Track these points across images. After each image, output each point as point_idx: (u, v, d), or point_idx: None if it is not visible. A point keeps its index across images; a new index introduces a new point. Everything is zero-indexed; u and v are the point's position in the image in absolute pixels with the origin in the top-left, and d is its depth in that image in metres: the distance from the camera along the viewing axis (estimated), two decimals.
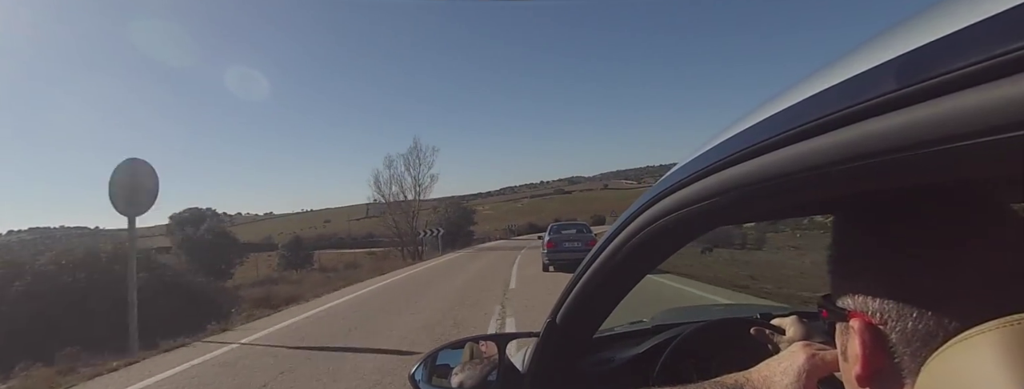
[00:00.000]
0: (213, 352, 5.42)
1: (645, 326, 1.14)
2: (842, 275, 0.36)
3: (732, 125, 0.40)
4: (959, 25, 0.20)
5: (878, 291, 0.32)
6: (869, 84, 0.25)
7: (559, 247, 11.96)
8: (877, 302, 0.32)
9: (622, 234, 0.58)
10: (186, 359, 5.14)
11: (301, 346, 5.41)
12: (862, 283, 0.34)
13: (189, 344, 5.92)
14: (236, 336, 6.22)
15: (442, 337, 5.03)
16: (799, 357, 0.49)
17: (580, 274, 0.71)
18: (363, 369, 4.33)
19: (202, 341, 6.05)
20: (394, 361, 4.49)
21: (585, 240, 12.04)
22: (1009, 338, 0.24)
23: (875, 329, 0.32)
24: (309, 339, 5.75)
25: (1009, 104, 0.19)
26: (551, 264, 11.87)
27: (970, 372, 0.25)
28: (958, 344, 0.26)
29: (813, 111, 0.28)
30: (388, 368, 4.28)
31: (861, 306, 0.33)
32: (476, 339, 1.00)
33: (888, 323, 0.32)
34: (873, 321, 0.32)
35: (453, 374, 0.97)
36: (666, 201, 0.48)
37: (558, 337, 0.79)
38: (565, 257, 11.50)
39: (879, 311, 0.32)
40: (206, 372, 4.66)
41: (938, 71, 0.21)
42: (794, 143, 0.30)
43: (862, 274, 0.34)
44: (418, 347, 4.84)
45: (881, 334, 0.32)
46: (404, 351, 4.83)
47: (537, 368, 0.84)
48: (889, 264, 0.32)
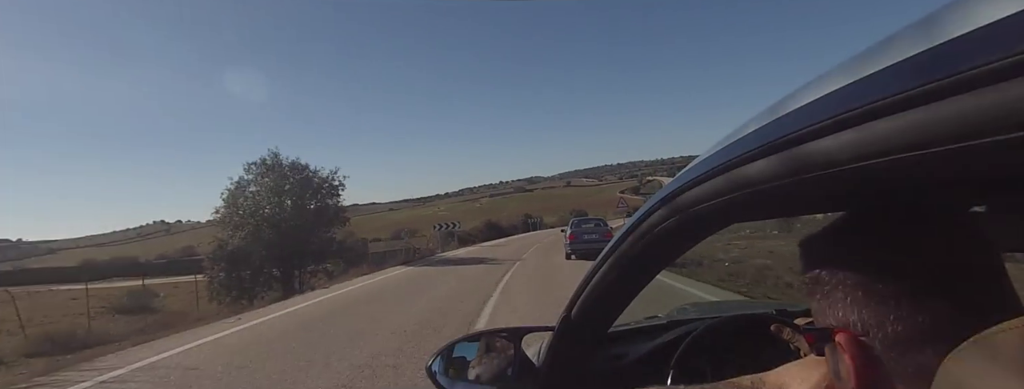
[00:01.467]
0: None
1: (660, 321, 1.14)
2: (820, 296, 0.37)
3: (747, 124, 0.40)
4: (971, 26, 0.21)
5: (854, 302, 0.34)
6: (882, 84, 0.25)
7: (579, 239, 13.79)
8: (855, 313, 0.33)
9: (637, 230, 0.59)
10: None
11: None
12: (838, 298, 0.35)
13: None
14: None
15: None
16: (822, 368, 0.49)
17: (595, 269, 0.72)
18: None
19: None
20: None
21: (602, 232, 13.95)
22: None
23: (859, 341, 0.33)
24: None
25: (1011, 107, 0.19)
26: (573, 253, 13.65)
27: (988, 371, 0.25)
28: (976, 343, 0.26)
29: (827, 109, 0.28)
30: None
31: (842, 321, 0.34)
32: (492, 333, 1.02)
33: (870, 332, 0.33)
34: (856, 333, 0.33)
35: (470, 367, 0.98)
36: (682, 198, 0.48)
37: (573, 331, 0.80)
38: (585, 247, 13.29)
39: (859, 322, 0.33)
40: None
41: (949, 72, 0.21)
42: (809, 141, 0.30)
43: (837, 289, 0.35)
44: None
45: (866, 345, 0.33)
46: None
47: (552, 362, 0.85)
48: (858, 275, 0.34)
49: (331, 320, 6.82)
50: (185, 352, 5.50)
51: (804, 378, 0.48)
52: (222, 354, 5.25)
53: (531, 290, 8.39)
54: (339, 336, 5.60)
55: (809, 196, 0.38)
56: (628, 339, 1.03)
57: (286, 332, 6.22)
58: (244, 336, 6.24)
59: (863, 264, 0.34)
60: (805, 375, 0.49)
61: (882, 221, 0.35)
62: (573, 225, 14.99)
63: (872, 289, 0.33)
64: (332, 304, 8.66)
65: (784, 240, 13.60)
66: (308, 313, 7.77)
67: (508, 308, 6.72)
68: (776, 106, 0.35)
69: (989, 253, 0.33)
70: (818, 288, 0.37)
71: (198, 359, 5.13)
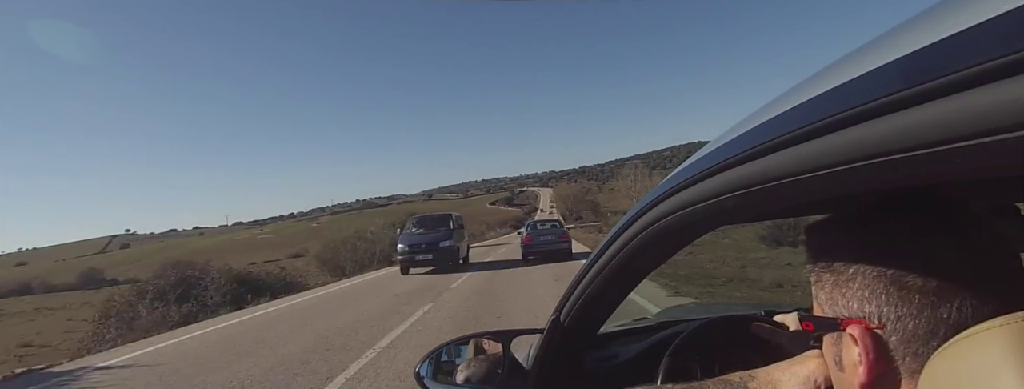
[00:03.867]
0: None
1: (649, 323, 1.15)
2: (830, 284, 0.36)
3: (734, 127, 0.40)
4: (962, 26, 0.21)
5: (873, 294, 0.33)
6: (872, 85, 0.25)
7: (536, 240, 13.72)
8: (873, 305, 0.33)
9: (626, 232, 0.59)
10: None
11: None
12: (855, 288, 0.34)
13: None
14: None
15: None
16: (810, 364, 0.48)
17: (584, 271, 0.72)
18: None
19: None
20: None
21: (558, 233, 14.03)
22: (1014, 335, 0.24)
23: (875, 334, 0.32)
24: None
25: (1010, 105, 0.19)
26: (531, 255, 13.50)
27: (974, 368, 0.25)
28: (962, 341, 0.26)
29: (816, 113, 0.28)
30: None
31: (857, 312, 0.33)
32: (481, 335, 1.01)
33: (887, 326, 0.32)
34: (871, 326, 0.32)
35: (458, 370, 0.97)
36: (670, 201, 0.48)
37: (563, 333, 0.80)
38: (542, 249, 13.43)
39: (877, 315, 0.32)
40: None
41: (940, 73, 0.21)
42: (795, 145, 0.30)
43: (854, 280, 0.34)
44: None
45: (881, 338, 0.32)
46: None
47: (542, 364, 0.85)
48: (882, 267, 0.33)
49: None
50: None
51: (794, 373, 0.48)
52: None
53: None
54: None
55: (799, 199, 0.38)
56: (617, 340, 1.03)
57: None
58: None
59: (892, 256, 0.33)
60: (796, 370, 0.48)
61: (918, 213, 0.34)
62: (529, 227, 15.15)
63: (899, 282, 0.32)
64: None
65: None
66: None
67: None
68: (770, 107, 0.35)
69: (1018, 254, 0.33)
70: (829, 276, 0.36)
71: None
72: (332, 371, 4.31)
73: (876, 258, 0.33)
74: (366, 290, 10.83)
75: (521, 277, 10.20)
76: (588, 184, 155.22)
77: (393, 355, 4.71)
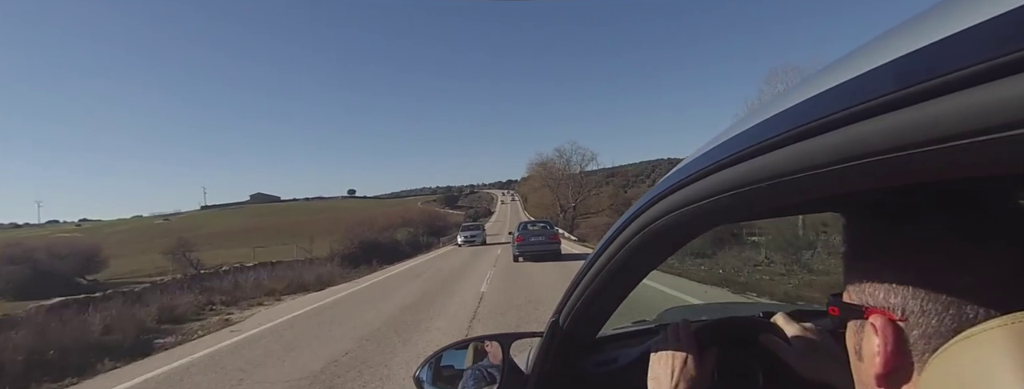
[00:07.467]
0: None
1: (649, 325, 1.14)
2: (859, 272, 0.35)
3: (733, 126, 0.40)
4: (959, 27, 0.21)
5: (901, 286, 0.32)
6: (869, 85, 0.25)
7: (527, 242, 14.88)
8: (899, 298, 0.32)
9: (623, 233, 0.59)
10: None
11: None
12: (882, 280, 0.33)
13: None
14: None
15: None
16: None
17: (582, 274, 0.71)
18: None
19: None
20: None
21: (548, 235, 15.36)
22: (1014, 335, 0.24)
23: (896, 326, 0.32)
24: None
25: (1006, 104, 0.19)
26: (521, 256, 14.70)
27: (974, 369, 0.25)
28: (962, 342, 0.26)
29: (813, 112, 0.29)
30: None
31: (882, 303, 0.33)
32: (480, 339, 1.01)
33: (910, 319, 0.31)
34: (894, 317, 0.32)
35: (458, 375, 0.97)
36: (667, 200, 0.48)
37: (562, 337, 0.79)
38: (532, 250, 14.63)
39: (901, 307, 0.32)
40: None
41: (937, 73, 0.21)
42: (794, 143, 0.30)
43: (882, 271, 0.33)
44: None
45: (902, 332, 0.31)
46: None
47: (541, 368, 0.84)
48: (913, 260, 0.32)
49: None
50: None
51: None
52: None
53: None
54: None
55: (797, 197, 0.38)
56: (618, 344, 1.02)
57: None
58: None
59: (928, 252, 0.32)
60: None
61: (963, 212, 0.32)
62: (520, 228, 16.10)
63: (930, 278, 0.31)
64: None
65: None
66: None
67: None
68: (766, 107, 0.35)
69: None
70: (862, 261, 0.35)
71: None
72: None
73: (911, 252, 0.32)
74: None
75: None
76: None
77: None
